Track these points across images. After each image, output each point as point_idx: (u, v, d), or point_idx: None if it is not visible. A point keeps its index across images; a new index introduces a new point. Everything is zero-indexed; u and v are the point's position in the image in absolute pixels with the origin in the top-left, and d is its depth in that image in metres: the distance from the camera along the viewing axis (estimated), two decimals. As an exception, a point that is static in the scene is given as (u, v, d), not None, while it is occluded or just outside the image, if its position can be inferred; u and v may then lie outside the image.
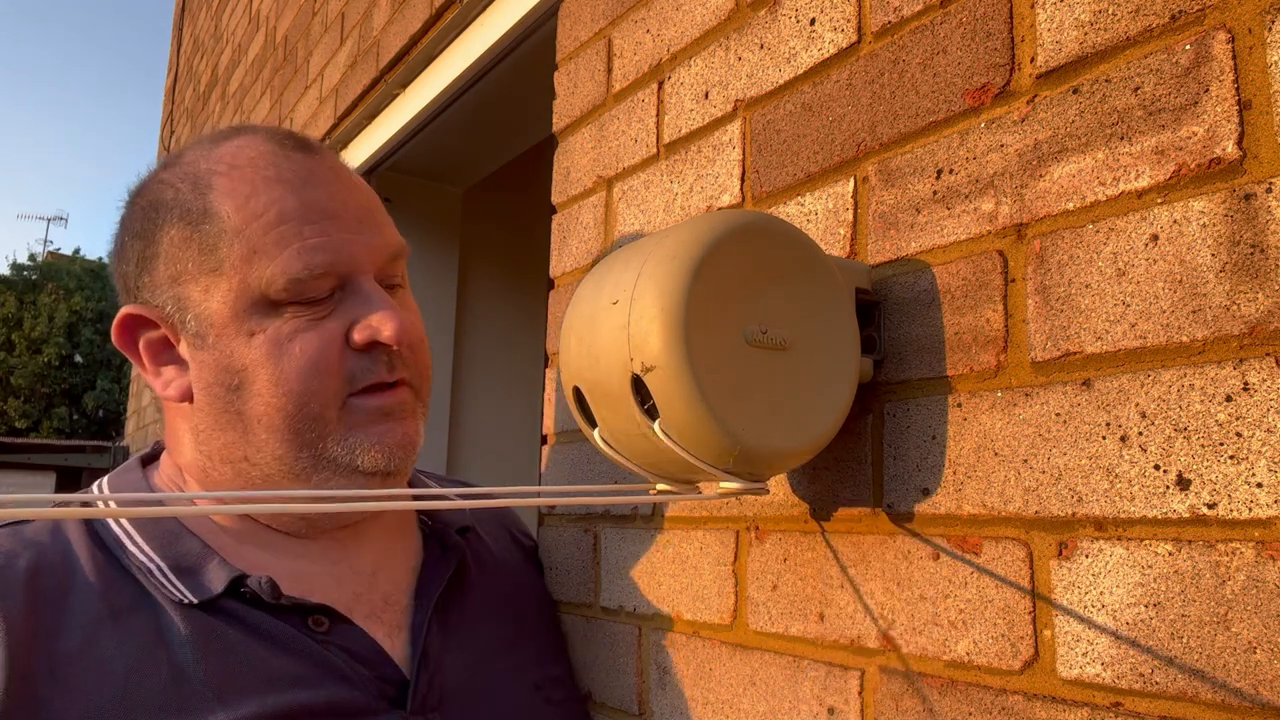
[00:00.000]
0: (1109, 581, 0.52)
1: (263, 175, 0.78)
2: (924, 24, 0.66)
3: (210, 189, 0.78)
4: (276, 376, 0.76)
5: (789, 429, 0.61)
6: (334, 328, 0.77)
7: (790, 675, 0.70)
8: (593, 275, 0.65)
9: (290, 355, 0.76)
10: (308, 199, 0.78)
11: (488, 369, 2.20)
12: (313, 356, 0.76)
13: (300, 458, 0.77)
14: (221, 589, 0.72)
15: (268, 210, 0.76)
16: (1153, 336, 0.52)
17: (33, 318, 18.84)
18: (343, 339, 0.77)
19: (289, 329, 0.76)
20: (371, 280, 0.79)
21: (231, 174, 0.78)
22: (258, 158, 0.79)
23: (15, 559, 0.71)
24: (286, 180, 0.78)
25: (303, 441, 0.77)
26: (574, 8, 1.09)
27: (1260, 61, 0.48)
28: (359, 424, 0.78)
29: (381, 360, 0.78)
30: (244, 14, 3.08)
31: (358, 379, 0.78)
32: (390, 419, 0.79)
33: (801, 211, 0.75)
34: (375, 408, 0.78)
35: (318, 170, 0.80)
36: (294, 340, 0.76)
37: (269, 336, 0.76)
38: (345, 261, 0.77)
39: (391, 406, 0.79)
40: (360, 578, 0.81)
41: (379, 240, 0.81)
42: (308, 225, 0.77)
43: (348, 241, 0.78)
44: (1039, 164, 0.58)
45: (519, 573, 0.97)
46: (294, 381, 0.76)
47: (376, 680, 0.74)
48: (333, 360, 0.76)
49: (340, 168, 0.83)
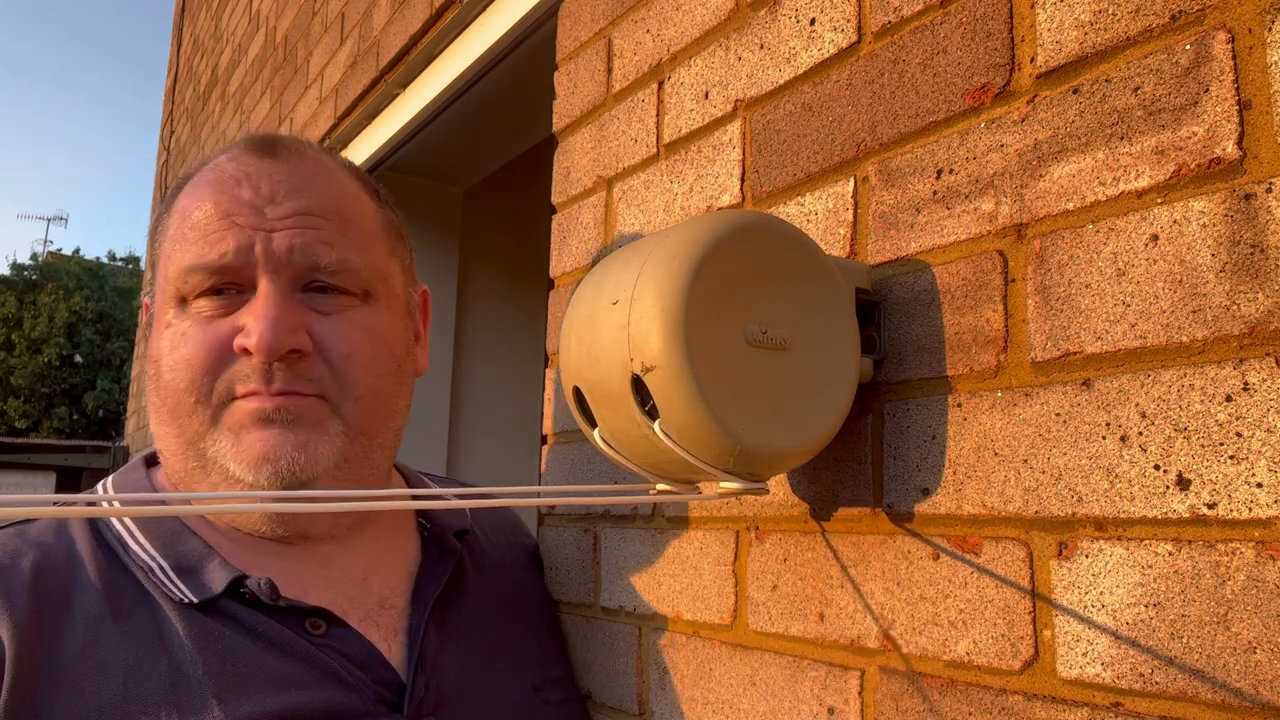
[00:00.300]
0: (1109, 581, 0.52)
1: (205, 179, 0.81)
2: (924, 24, 0.66)
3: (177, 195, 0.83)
4: (166, 370, 0.78)
5: (789, 429, 0.61)
6: (223, 327, 0.77)
7: (790, 675, 0.70)
8: (593, 275, 0.65)
9: (178, 350, 0.77)
10: (228, 199, 0.78)
11: (488, 369, 2.20)
12: (188, 354, 0.77)
13: (188, 454, 0.78)
14: (222, 589, 0.72)
15: (192, 210, 0.79)
16: (1153, 336, 0.52)
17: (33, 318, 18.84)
18: (229, 339, 0.76)
19: (187, 324, 0.78)
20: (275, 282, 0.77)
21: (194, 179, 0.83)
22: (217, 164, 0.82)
23: (20, 559, 0.71)
24: (222, 181, 0.80)
25: (185, 439, 0.78)
26: (574, 8, 1.09)
27: (1260, 61, 0.48)
28: (230, 428, 0.76)
29: (258, 370, 0.75)
30: (244, 14, 3.08)
31: (234, 387, 0.76)
32: (268, 426, 0.75)
33: (801, 211, 0.75)
34: (248, 411, 0.75)
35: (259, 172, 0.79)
36: (186, 336, 0.77)
37: (173, 330, 0.78)
38: (241, 256, 0.76)
39: (268, 412, 0.75)
40: (357, 579, 0.81)
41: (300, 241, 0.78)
42: (216, 221, 0.77)
43: (253, 238, 0.77)
44: (1039, 164, 0.58)
45: (518, 574, 0.97)
46: (169, 375, 0.77)
47: (373, 684, 0.74)
48: (211, 360, 0.76)
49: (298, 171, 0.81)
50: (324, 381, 0.78)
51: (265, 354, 0.74)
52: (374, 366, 0.81)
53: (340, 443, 0.78)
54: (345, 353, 0.79)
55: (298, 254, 0.78)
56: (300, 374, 0.77)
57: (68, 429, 18.92)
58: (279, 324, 0.75)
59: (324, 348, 0.78)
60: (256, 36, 2.84)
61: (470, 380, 2.17)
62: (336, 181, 0.84)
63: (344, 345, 0.79)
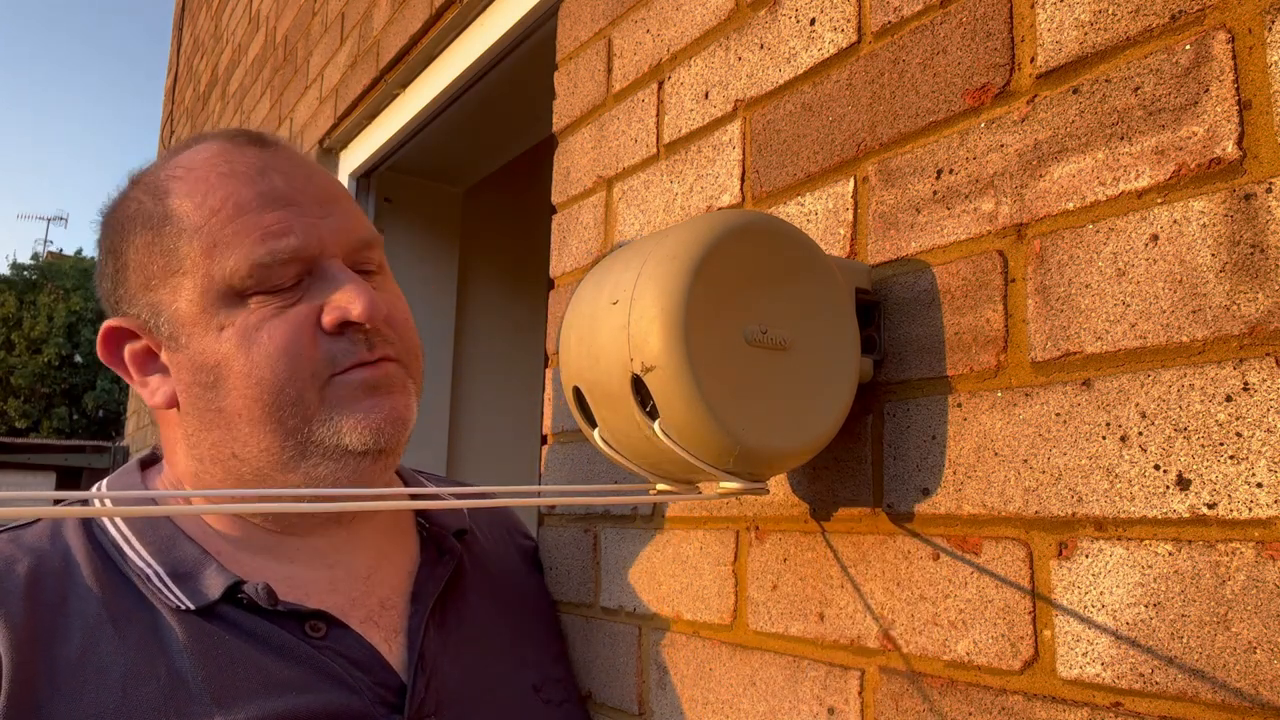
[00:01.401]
0: (1109, 581, 0.52)
1: (217, 172, 0.78)
2: (924, 24, 0.66)
3: (168, 194, 0.79)
4: (248, 368, 0.75)
5: (789, 429, 0.61)
6: (303, 311, 0.76)
7: (790, 675, 0.70)
8: (593, 275, 0.65)
9: (259, 344, 0.75)
10: (264, 188, 0.77)
11: (488, 369, 2.20)
12: (281, 343, 0.75)
13: (286, 446, 0.76)
14: (218, 595, 0.72)
15: (224, 204, 0.77)
16: (1153, 336, 0.52)
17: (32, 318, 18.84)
18: (314, 323, 0.76)
19: (256, 319, 0.75)
20: (339, 264, 0.78)
21: (188, 176, 0.79)
22: (211, 157, 0.80)
23: (15, 564, 0.71)
24: (241, 173, 0.78)
25: (286, 430, 0.76)
26: (574, 8, 1.09)
27: (1260, 61, 0.48)
28: (343, 401, 0.77)
29: (359, 340, 0.77)
30: (244, 14, 3.08)
31: (338, 361, 0.77)
32: (377, 393, 0.78)
33: (801, 211, 0.75)
34: (359, 382, 0.77)
35: (274, 161, 0.80)
36: (261, 329, 0.75)
37: (237, 329, 0.75)
38: (311, 245, 0.77)
39: (377, 379, 0.78)
40: (356, 581, 0.81)
41: (345, 224, 0.80)
42: (268, 213, 0.76)
43: (312, 225, 0.77)
44: (1039, 164, 0.58)
45: (517, 574, 0.97)
46: (265, 370, 0.75)
47: (374, 685, 0.74)
48: (304, 344, 0.76)
49: (299, 158, 0.83)
50: (398, 345, 0.81)
51: (371, 318, 0.76)
52: (415, 331, 0.85)
53: (415, 403, 0.83)
54: (401, 318, 0.82)
55: (350, 235, 0.80)
56: (386, 340, 0.79)
57: (68, 429, 18.91)
58: (372, 292, 0.77)
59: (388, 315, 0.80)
60: (256, 36, 2.84)
61: (470, 380, 2.17)
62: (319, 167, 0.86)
63: (398, 312, 0.82)
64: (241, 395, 0.75)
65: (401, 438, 0.79)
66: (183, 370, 0.78)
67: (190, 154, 0.81)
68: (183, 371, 0.78)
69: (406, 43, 1.60)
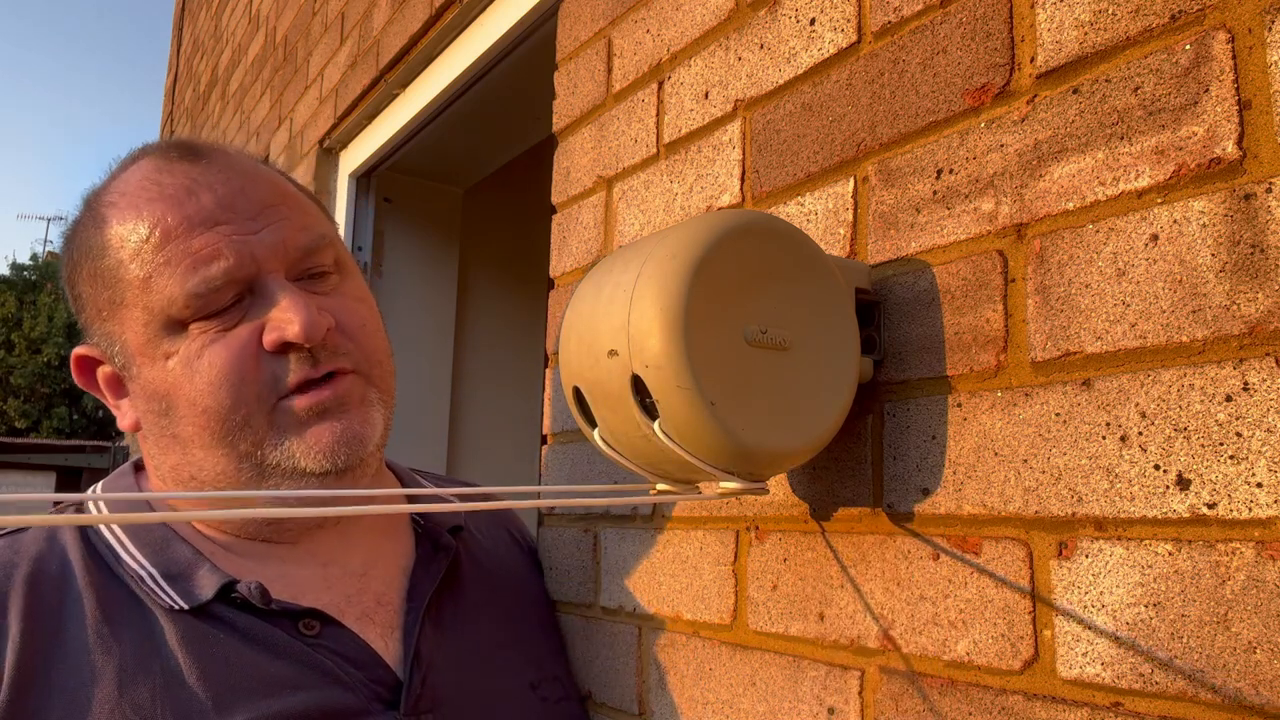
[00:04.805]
0: (1109, 581, 0.52)
1: (145, 197, 0.77)
2: (924, 24, 0.66)
3: (105, 222, 0.78)
4: (193, 396, 0.75)
5: (789, 429, 0.61)
6: (244, 334, 0.75)
7: (790, 675, 0.70)
8: (593, 275, 0.65)
9: (201, 372, 0.75)
10: (192, 211, 0.76)
11: (488, 369, 2.20)
12: (222, 369, 0.74)
13: (243, 468, 0.76)
14: (212, 595, 0.72)
15: (152, 232, 0.75)
16: (1153, 336, 0.52)
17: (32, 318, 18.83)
18: (256, 343, 0.76)
19: (198, 345, 0.75)
20: (279, 278, 0.77)
21: (120, 201, 0.78)
22: (142, 180, 0.78)
23: (13, 570, 0.71)
24: (169, 197, 0.76)
25: (239, 453, 0.76)
26: (574, 8, 1.09)
27: (1260, 61, 0.48)
28: (290, 427, 0.76)
29: (303, 358, 0.76)
30: (244, 14, 3.08)
31: (282, 381, 0.76)
32: (327, 417, 0.77)
33: (801, 211, 0.75)
34: (306, 408, 0.76)
35: (204, 177, 0.78)
36: (203, 355, 0.75)
37: (180, 357, 0.75)
38: (245, 264, 0.76)
39: (324, 403, 0.77)
40: (351, 578, 0.81)
41: (283, 234, 0.78)
42: (196, 237, 0.75)
43: (244, 243, 0.76)
44: (1039, 164, 0.58)
45: (515, 572, 0.97)
46: (208, 398, 0.75)
47: (369, 682, 0.74)
48: (247, 368, 0.75)
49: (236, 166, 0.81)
50: (354, 355, 0.80)
51: (309, 338, 0.75)
52: (380, 333, 0.84)
53: (381, 411, 0.81)
54: (359, 324, 0.81)
55: (288, 246, 0.78)
56: (335, 351, 0.78)
57: (68, 429, 18.91)
58: (310, 308, 0.76)
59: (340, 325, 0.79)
60: (256, 36, 2.84)
61: (470, 380, 2.17)
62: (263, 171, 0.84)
63: (354, 318, 0.81)
64: (191, 422, 0.76)
65: (362, 453, 0.78)
66: (139, 398, 0.79)
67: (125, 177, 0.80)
68: (139, 399, 0.79)
69: (406, 43, 1.60)
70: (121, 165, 0.82)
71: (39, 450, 10.19)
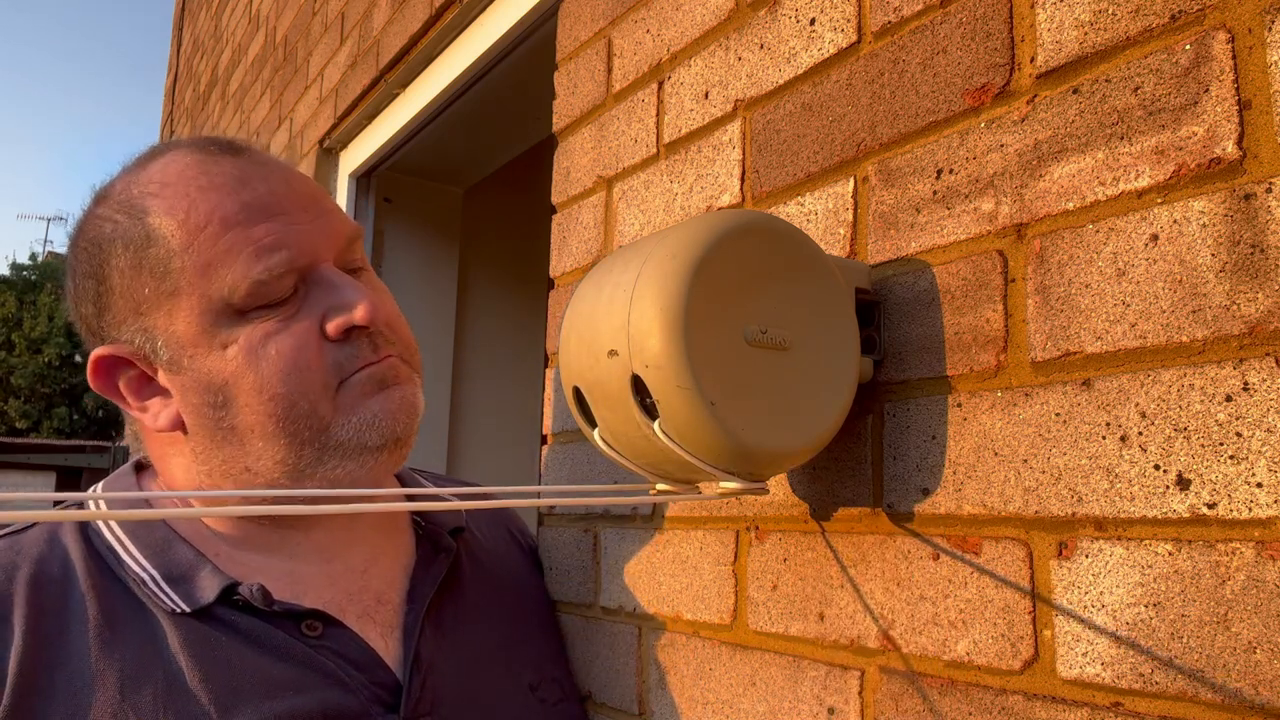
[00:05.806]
0: (1109, 581, 0.52)
1: (196, 185, 0.76)
2: (924, 24, 0.66)
3: (146, 212, 0.76)
4: (259, 384, 0.74)
5: (789, 429, 0.61)
6: (307, 323, 0.76)
7: (790, 675, 0.70)
8: (593, 275, 0.65)
9: (267, 359, 0.74)
10: (248, 200, 0.76)
11: (488, 369, 2.20)
12: (290, 357, 0.75)
13: (303, 455, 0.76)
14: (213, 597, 0.72)
15: (210, 219, 0.75)
16: (1153, 336, 0.52)
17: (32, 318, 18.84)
18: (318, 333, 0.76)
19: (260, 334, 0.75)
20: (332, 267, 0.78)
21: (164, 192, 0.76)
22: (185, 169, 0.77)
23: (16, 572, 0.71)
24: (220, 186, 0.76)
25: (302, 440, 0.76)
26: (574, 8, 1.09)
27: (1260, 61, 0.48)
28: (356, 402, 0.77)
29: (363, 344, 0.78)
30: (244, 14, 3.08)
31: (344, 368, 0.77)
32: (386, 385, 0.79)
33: (801, 211, 0.75)
34: (367, 378, 0.78)
35: (250, 170, 0.78)
36: (268, 344, 0.75)
37: (242, 346, 0.74)
38: (303, 254, 0.76)
39: (383, 373, 0.79)
40: (354, 575, 0.81)
41: (332, 225, 0.79)
42: (256, 225, 0.75)
43: (301, 233, 0.77)
44: (1039, 164, 0.58)
45: (516, 573, 0.97)
46: (277, 385, 0.74)
47: (370, 685, 0.74)
48: (312, 356, 0.75)
49: (273, 162, 0.82)
50: (397, 344, 0.82)
51: (374, 320, 0.77)
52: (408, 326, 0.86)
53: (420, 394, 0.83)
54: (394, 314, 0.83)
55: (337, 236, 0.80)
56: (387, 340, 0.80)
57: (68, 429, 18.92)
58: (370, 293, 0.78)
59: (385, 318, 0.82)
60: (256, 36, 2.84)
61: (470, 380, 2.17)
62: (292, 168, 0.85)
63: (390, 309, 0.83)
64: (254, 411, 0.75)
65: (414, 426, 0.81)
66: (189, 392, 0.76)
67: (161, 168, 0.78)
68: (188, 393, 0.77)
69: (406, 43, 1.60)
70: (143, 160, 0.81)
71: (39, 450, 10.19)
